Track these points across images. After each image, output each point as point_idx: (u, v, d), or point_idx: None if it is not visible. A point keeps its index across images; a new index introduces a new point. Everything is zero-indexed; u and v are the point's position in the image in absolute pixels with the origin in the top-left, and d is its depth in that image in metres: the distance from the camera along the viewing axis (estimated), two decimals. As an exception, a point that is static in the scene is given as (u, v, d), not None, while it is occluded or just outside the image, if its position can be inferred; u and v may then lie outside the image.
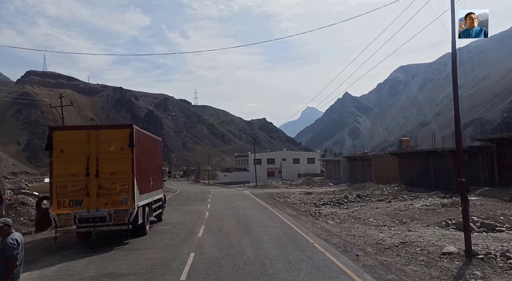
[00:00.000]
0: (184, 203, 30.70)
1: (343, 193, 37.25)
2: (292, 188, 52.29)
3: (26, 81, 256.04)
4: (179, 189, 59.31)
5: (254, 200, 32.33)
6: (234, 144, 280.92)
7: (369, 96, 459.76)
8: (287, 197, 34.08)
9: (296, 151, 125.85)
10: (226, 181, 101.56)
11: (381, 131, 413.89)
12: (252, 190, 47.73)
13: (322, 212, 21.89)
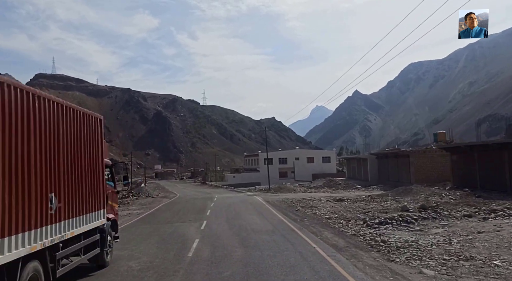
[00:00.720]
0: (172, 218, 21.50)
1: (385, 200, 27.75)
2: (313, 192, 42.88)
3: (35, 84, 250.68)
4: (179, 194, 50.38)
5: (270, 212, 22.99)
6: (244, 144, 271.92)
7: (380, 94, 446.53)
8: (314, 206, 24.67)
9: (310, 150, 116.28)
10: (234, 182, 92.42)
11: (392, 129, 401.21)
12: (265, 195, 38.36)
13: (388, 241, 12.50)
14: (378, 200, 28.01)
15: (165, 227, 17.75)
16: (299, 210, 23.31)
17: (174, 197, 42.62)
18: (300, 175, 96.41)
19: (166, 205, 30.55)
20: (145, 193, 49.21)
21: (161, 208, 28.47)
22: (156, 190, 73.14)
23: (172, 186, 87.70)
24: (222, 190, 57.72)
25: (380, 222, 15.80)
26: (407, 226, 15.17)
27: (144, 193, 49.48)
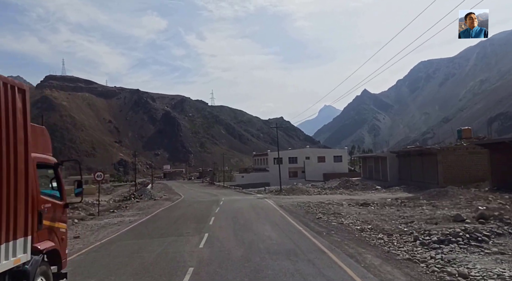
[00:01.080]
0: (167, 229, 17.44)
1: (419, 204, 23.44)
2: (328, 193, 38.61)
3: (45, 86, 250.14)
4: (184, 196, 46.56)
5: (286, 221, 18.81)
6: (252, 144, 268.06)
7: (389, 93, 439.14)
8: (337, 213, 20.46)
9: (321, 148, 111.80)
10: (243, 182, 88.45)
11: (402, 128, 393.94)
12: (277, 198, 34.14)
13: (470, 275, 8.30)
14: (411, 204, 23.69)
15: (154, 243, 13.71)
16: (320, 218, 19.11)
17: (177, 199, 38.71)
18: (310, 175, 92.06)
19: (166, 210, 26.60)
20: (148, 195, 45.45)
21: (159, 214, 24.53)
22: (162, 191, 69.49)
23: (178, 187, 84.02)
24: (230, 192, 53.66)
25: (439, 239, 11.53)
26: (479, 246, 10.91)
27: (147, 195, 45.73)
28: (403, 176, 43.39)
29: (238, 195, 42.74)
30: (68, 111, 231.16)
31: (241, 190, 56.03)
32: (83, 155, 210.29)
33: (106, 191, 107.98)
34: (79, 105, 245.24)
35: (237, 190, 56.00)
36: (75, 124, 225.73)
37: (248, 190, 51.39)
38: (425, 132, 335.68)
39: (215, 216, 20.94)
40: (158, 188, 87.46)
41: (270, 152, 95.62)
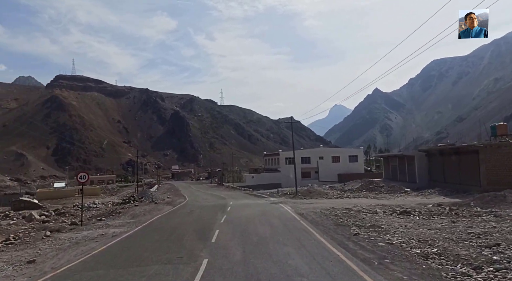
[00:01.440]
0: (156, 249, 12.82)
1: (477, 214, 18.56)
2: (351, 197, 33.78)
3: (55, 85, 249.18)
4: (189, 198, 42.14)
5: (314, 239, 13.95)
6: (262, 144, 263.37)
7: (401, 92, 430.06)
8: (377, 226, 15.68)
9: (335, 148, 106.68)
10: (253, 183, 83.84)
11: (414, 128, 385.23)
12: (294, 202, 29.29)
13: None
14: (465, 214, 18.80)
15: (128, 279, 9.17)
16: (358, 233, 14.37)
17: (180, 203, 34.24)
18: (324, 175, 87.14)
19: (163, 218, 22.09)
20: (149, 198, 41.16)
21: (153, 223, 20.05)
22: (167, 192, 65.22)
23: (185, 188, 79.80)
24: (239, 194, 49.02)
25: None
26: None
27: (148, 197, 41.44)
28: (434, 178, 38.31)
29: (248, 198, 38.07)
30: (77, 111, 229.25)
31: (252, 192, 51.43)
32: (92, 155, 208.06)
33: (111, 191, 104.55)
34: (88, 104, 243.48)
35: (247, 192, 51.37)
36: (84, 124, 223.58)
37: (259, 192, 46.73)
38: (439, 131, 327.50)
39: (220, 229, 16.33)
40: (164, 189, 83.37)
41: (281, 152, 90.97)
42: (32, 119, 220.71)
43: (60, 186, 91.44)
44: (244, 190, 63.68)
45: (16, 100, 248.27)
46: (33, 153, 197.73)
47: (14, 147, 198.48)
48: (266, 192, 47.16)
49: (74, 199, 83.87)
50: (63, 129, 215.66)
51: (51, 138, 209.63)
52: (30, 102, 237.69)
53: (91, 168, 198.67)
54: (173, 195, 55.65)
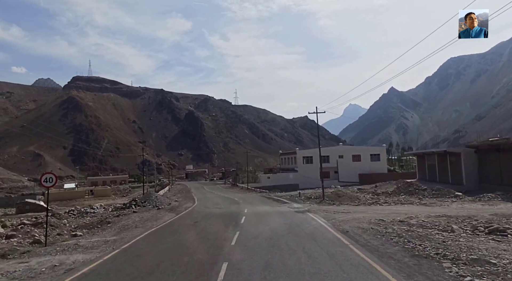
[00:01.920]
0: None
1: None
2: (391, 203, 27.28)
3: (72, 87, 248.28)
4: (198, 202, 36.33)
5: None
6: (276, 143, 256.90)
7: (417, 90, 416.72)
8: (486, 261, 9.35)
9: (356, 146, 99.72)
10: (269, 184, 77.69)
11: (431, 127, 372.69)
12: (324, 211, 22.67)
13: None
14: None
15: None
16: (462, 277, 8.11)
17: (185, 210, 28.34)
18: (344, 175, 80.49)
19: (154, 236, 16.17)
20: (153, 202, 35.53)
21: (137, 244, 14.16)
22: (177, 194, 59.65)
23: (197, 189, 74.30)
24: (255, 197, 42.89)
25: None
26: None
27: (152, 201, 35.80)
28: (487, 179, 31.50)
29: (266, 203, 31.85)
30: (93, 112, 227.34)
31: (269, 194, 45.27)
32: (108, 155, 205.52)
33: (122, 193, 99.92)
34: (104, 105, 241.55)
35: (263, 195, 45.16)
36: (100, 124, 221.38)
37: (277, 196, 40.48)
38: (457, 130, 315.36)
39: (229, 261, 10.28)
40: (174, 190, 78.01)
41: (298, 150, 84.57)
42: (50, 120, 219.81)
43: (70, 187, 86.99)
44: (260, 192, 57.59)
45: (34, 102, 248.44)
46: (50, 154, 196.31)
47: (32, 148, 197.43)
48: (285, 195, 40.91)
49: (83, 201, 79.37)
50: (79, 129, 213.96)
51: (68, 138, 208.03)
52: (48, 103, 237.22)
53: (107, 168, 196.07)
54: (182, 197, 50.01)
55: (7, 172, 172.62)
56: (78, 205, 74.62)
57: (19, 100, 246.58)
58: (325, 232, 14.68)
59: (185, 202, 38.71)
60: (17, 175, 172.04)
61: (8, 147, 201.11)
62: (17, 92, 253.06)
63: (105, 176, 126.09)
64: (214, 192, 60.50)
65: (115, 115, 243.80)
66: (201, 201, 37.58)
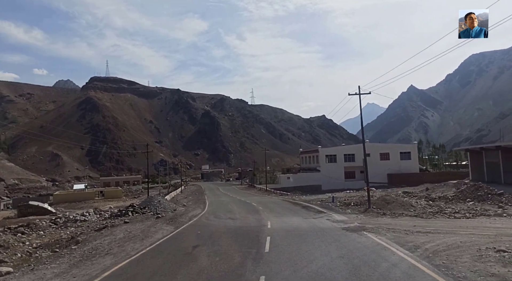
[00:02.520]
0: None
1: None
2: (469, 214, 19.65)
3: (90, 87, 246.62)
4: (208, 208, 29.49)
5: None
6: (293, 143, 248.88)
7: (437, 88, 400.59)
8: None
9: (384, 144, 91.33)
10: (289, 185, 70.44)
11: (452, 125, 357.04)
12: (388, 227, 14.95)
13: None
14: None
15: None
16: None
17: (189, 221, 21.26)
18: (371, 175, 72.02)
19: (123, 275, 9.31)
20: (154, 207, 28.90)
21: None
22: (188, 197, 53.05)
23: (211, 191, 67.63)
24: (277, 201, 35.62)
25: None
26: None
27: (153, 207, 29.17)
28: None
29: (294, 211, 24.24)
30: (110, 112, 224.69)
31: (293, 198, 37.94)
32: (124, 155, 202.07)
33: (134, 194, 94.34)
34: (121, 105, 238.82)
35: (286, 199, 37.82)
36: (117, 125, 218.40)
37: (304, 200, 33.03)
38: (480, 129, 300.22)
39: None
40: (187, 192, 71.53)
41: (321, 149, 76.92)
42: (68, 120, 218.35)
43: (80, 187, 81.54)
44: (281, 195, 50.33)
45: (54, 103, 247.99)
46: (68, 154, 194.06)
47: (50, 148, 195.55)
48: (313, 199, 33.46)
49: (93, 202, 73.86)
50: (97, 129, 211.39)
51: (86, 138, 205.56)
52: (66, 104, 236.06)
53: (124, 168, 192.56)
54: (193, 200, 43.30)
55: (25, 172, 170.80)
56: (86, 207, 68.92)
57: (39, 101, 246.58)
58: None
59: (194, 207, 31.86)
60: (35, 175, 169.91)
61: (28, 147, 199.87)
62: (37, 94, 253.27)
63: (118, 177, 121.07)
64: (229, 194, 53.59)
65: (132, 115, 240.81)
66: (212, 207, 30.62)
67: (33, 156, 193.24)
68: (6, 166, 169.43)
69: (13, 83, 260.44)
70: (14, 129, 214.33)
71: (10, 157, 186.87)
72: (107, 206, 67.58)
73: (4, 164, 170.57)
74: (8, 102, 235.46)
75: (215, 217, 22.34)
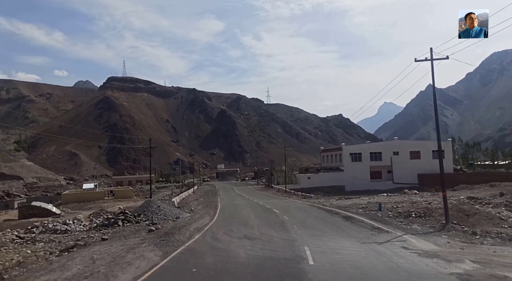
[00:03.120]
0: None
1: None
2: None
3: (107, 87, 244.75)
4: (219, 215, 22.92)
5: None
6: (310, 142, 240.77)
7: (457, 87, 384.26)
8: None
9: (415, 141, 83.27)
10: (309, 186, 63.38)
11: (473, 125, 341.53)
12: (499, 262, 8.63)
13: None
14: None
15: None
16: None
17: (189, 239, 14.67)
18: (399, 175, 64.74)
19: None
20: (152, 215, 22.62)
21: None
22: (199, 198, 46.73)
23: (226, 191, 61.19)
24: (303, 207, 28.69)
25: None
26: None
27: (150, 214, 22.90)
28: None
29: (335, 226, 16.15)
30: (127, 111, 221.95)
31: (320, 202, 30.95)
32: (141, 155, 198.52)
33: (145, 193, 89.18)
34: (138, 105, 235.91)
35: (313, 204, 30.79)
36: (134, 124, 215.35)
37: (339, 208, 25.77)
38: (502, 128, 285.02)
39: None
40: (201, 192, 65.37)
41: (345, 146, 69.55)
42: (86, 119, 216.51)
43: (89, 187, 76.44)
44: (303, 197, 43.41)
45: (72, 102, 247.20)
46: (85, 153, 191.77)
47: (68, 147, 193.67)
48: (347, 204, 26.37)
49: (102, 203, 68.58)
50: (114, 129, 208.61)
51: (103, 138, 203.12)
52: (84, 104, 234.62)
53: (140, 168, 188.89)
54: (204, 203, 36.93)
55: (44, 171, 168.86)
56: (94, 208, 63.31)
57: (58, 101, 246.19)
58: None
59: (202, 213, 25.40)
60: (53, 174, 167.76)
61: (47, 146, 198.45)
62: (56, 93, 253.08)
63: (130, 176, 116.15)
64: (244, 195, 46.93)
65: (148, 115, 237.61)
66: (224, 214, 24.05)
67: (52, 155, 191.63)
68: (25, 165, 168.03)
69: (33, 84, 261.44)
70: (34, 128, 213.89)
71: (30, 156, 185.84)
72: (117, 207, 61.93)
73: (23, 163, 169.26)
74: (29, 102, 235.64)
75: (225, 234, 15.70)
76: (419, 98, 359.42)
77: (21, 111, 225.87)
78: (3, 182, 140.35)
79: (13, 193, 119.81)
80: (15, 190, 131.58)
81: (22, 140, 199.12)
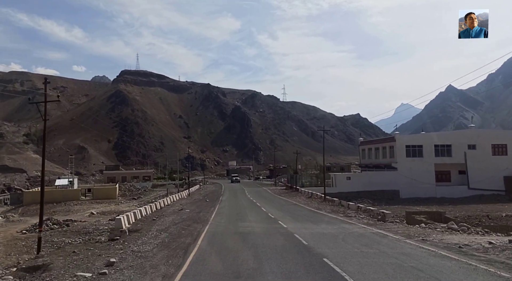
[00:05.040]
0: None
1: None
2: None
3: (120, 80, 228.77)
4: None
5: None
6: (326, 141, 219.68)
7: (478, 89, 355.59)
8: None
9: (499, 130, 62.14)
10: (350, 189, 43.00)
11: (494, 127, 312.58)
12: None
13: None
14: None
15: None
16: None
17: None
18: (478, 177, 43.28)
19: None
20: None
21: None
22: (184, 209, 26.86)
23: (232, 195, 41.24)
24: (408, 252, 8.63)
25: None
26: None
27: None
28: None
29: None
30: (140, 106, 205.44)
31: (419, 238, 10.79)
32: (151, 150, 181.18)
33: (134, 193, 70.57)
34: (151, 99, 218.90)
35: (421, 244, 10.65)
36: (146, 119, 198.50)
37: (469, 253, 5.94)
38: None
39: None
40: (199, 194, 45.56)
41: (399, 136, 48.72)
42: (97, 113, 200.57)
43: (62, 184, 57.23)
44: (364, 211, 23.21)
45: (86, 96, 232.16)
46: (94, 147, 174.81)
47: (77, 141, 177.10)
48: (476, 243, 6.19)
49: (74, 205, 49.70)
50: (125, 123, 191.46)
51: (113, 132, 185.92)
52: (97, 97, 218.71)
53: (150, 163, 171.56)
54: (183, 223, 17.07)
55: (50, 164, 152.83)
56: (59, 212, 45.51)
57: (71, 94, 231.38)
58: None
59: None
60: (59, 167, 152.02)
61: (56, 140, 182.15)
62: (70, 87, 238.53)
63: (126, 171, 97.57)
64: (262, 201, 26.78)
65: (161, 110, 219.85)
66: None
67: (60, 148, 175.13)
68: (30, 157, 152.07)
69: (48, 76, 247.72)
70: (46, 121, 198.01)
71: (38, 148, 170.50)
72: (89, 211, 42.32)
73: (28, 156, 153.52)
74: (42, 95, 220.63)
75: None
76: (439, 99, 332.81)
77: (34, 104, 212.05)
78: (6, 175, 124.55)
79: (14, 186, 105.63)
80: (17, 183, 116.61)
81: (31, 133, 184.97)
